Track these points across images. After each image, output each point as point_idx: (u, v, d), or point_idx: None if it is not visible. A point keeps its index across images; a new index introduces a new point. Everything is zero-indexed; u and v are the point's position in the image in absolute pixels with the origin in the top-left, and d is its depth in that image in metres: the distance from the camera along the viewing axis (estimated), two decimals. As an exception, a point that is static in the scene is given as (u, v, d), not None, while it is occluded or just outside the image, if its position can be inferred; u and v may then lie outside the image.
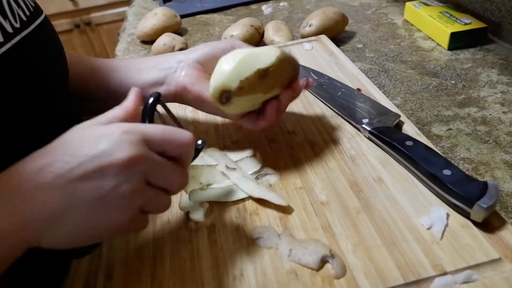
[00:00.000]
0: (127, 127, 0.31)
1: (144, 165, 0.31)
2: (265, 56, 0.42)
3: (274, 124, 0.51)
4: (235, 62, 0.40)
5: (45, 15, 0.46)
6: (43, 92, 0.42)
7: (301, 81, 0.46)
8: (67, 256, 0.34)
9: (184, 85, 0.48)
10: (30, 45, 0.40)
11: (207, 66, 0.49)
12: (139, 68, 0.52)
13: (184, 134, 0.34)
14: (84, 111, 0.55)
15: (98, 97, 0.54)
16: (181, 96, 0.49)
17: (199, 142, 0.38)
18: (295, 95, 0.47)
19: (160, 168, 0.33)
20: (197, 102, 0.49)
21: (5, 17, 0.37)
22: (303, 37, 0.80)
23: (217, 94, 0.41)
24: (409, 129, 0.50)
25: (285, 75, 0.45)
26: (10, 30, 0.38)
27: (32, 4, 0.44)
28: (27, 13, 0.41)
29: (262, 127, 0.46)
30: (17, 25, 0.39)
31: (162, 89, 0.50)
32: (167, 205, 0.35)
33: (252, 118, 0.47)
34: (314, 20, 0.79)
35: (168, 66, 0.50)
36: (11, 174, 0.30)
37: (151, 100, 0.37)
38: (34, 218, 0.29)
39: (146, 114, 0.36)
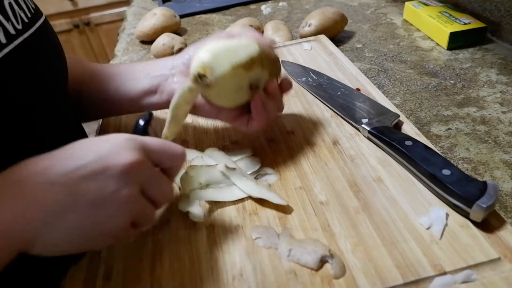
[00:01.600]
0: (128, 135, 0.33)
1: (143, 171, 0.32)
2: (245, 49, 0.43)
3: (268, 126, 0.51)
4: (211, 54, 0.42)
5: (45, 17, 0.46)
6: (44, 93, 0.42)
7: (274, 83, 0.46)
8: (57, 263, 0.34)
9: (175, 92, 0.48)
10: (32, 46, 0.40)
11: None
12: (133, 77, 0.52)
13: (178, 148, 0.36)
14: (79, 116, 0.55)
15: (93, 102, 0.54)
16: None
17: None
18: (276, 93, 0.47)
19: (155, 177, 0.34)
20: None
21: (7, 18, 0.37)
22: (302, 37, 0.80)
23: (196, 74, 0.42)
24: (409, 129, 0.50)
25: (268, 66, 0.45)
26: (12, 31, 0.38)
27: (33, 6, 0.44)
28: (29, 15, 0.41)
29: (254, 128, 0.47)
30: (19, 27, 0.39)
31: (155, 98, 0.50)
32: (152, 220, 0.36)
33: (244, 121, 0.47)
34: (313, 20, 0.79)
35: (160, 74, 0.50)
36: (14, 171, 0.30)
37: (142, 122, 0.39)
38: (32, 213, 0.28)
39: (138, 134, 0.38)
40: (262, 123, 0.46)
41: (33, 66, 0.40)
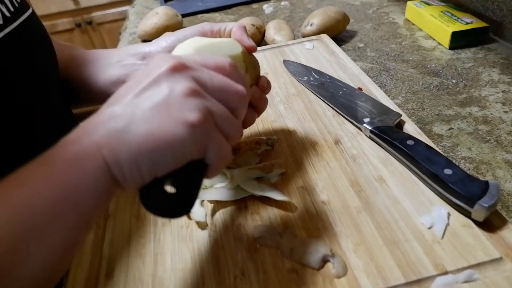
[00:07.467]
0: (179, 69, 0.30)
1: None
2: (228, 47, 0.40)
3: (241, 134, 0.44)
4: (193, 48, 0.38)
5: (32, 10, 0.45)
6: (32, 86, 0.42)
7: (254, 90, 0.44)
8: (165, 215, 0.30)
9: None
10: (15, 41, 0.40)
11: None
12: (106, 62, 0.50)
13: (239, 86, 0.33)
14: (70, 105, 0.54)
15: (70, 88, 0.52)
16: None
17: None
18: (262, 90, 0.44)
19: (224, 115, 0.32)
20: None
21: None
22: (304, 36, 0.80)
23: None
24: (410, 128, 0.50)
25: (250, 70, 0.42)
26: None
27: (18, 0, 0.43)
28: (11, 9, 0.41)
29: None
30: (0, 22, 0.39)
31: None
32: (238, 128, 0.33)
33: None
34: (315, 20, 0.79)
35: (132, 63, 0.48)
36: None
37: None
38: (102, 136, 0.28)
39: None
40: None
41: (19, 60, 0.40)
